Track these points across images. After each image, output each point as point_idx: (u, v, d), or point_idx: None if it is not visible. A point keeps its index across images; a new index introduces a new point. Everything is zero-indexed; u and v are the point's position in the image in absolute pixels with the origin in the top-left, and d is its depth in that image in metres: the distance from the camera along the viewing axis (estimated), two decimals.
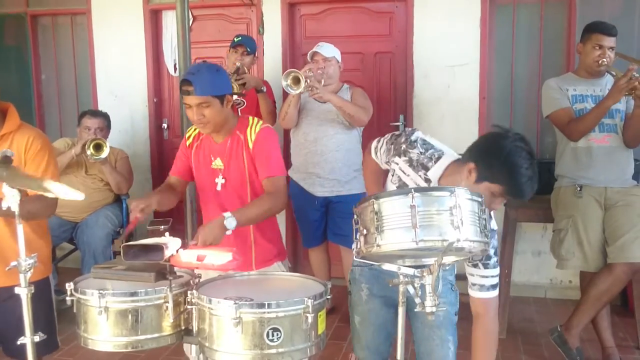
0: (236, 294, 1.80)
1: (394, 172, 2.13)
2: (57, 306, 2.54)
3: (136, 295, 1.83)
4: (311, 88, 3.58)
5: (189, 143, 2.49)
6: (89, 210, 4.10)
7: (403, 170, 2.09)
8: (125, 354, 3.22)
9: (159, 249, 1.86)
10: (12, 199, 1.74)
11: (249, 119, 2.44)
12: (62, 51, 5.23)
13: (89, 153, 3.93)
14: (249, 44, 4.04)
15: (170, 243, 1.93)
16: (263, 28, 4.63)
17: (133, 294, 1.83)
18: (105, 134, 4.22)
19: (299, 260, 4.83)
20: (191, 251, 1.96)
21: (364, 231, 1.70)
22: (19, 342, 1.83)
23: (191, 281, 1.95)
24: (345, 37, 4.44)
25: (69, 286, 1.90)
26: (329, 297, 1.86)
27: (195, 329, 1.87)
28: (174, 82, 4.93)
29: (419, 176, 2.05)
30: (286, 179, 2.48)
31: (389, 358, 2.29)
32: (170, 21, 4.87)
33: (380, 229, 1.65)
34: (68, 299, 1.90)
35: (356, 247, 1.74)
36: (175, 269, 1.95)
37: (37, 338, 1.84)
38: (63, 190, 1.83)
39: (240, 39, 4.06)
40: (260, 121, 2.43)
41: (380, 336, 2.27)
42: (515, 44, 4.40)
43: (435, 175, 2.03)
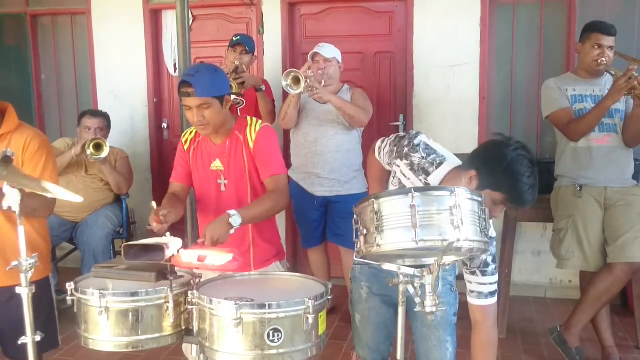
0: (237, 295, 1.80)
1: (395, 175, 2.13)
2: (58, 306, 2.54)
3: (137, 295, 1.83)
4: (311, 88, 3.58)
5: (186, 147, 2.49)
6: (89, 210, 4.10)
7: (404, 174, 2.10)
8: (126, 353, 3.22)
9: (159, 249, 1.86)
10: (13, 199, 1.74)
11: (248, 119, 2.44)
12: (62, 51, 5.23)
13: (88, 153, 3.93)
14: (247, 43, 4.04)
15: (171, 243, 1.93)
16: (263, 28, 4.63)
17: (134, 294, 1.83)
18: (106, 134, 4.22)
19: (299, 261, 4.82)
20: (192, 251, 1.96)
21: (364, 231, 1.70)
22: (20, 342, 1.83)
23: (192, 281, 1.95)
24: (345, 37, 4.44)
25: (70, 286, 1.90)
26: (329, 298, 1.86)
27: (195, 329, 1.87)
28: (174, 82, 4.93)
29: (420, 180, 2.06)
30: (287, 178, 2.49)
31: (389, 357, 2.30)
32: (170, 21, 4.86)
33: (380, 228, 1.65)
34: (69, 298, 1.90)
35: (356, 247, 1.74)
36: (176, 269, 1.96)
37: (38, 338, 1.84)
38: (61, 192, 1.83)
39: (238, 38, 4.05)
40: (260, 121, 2.43)
41: (381, 335, 2.27)
42: (516, 43, 4.40)
43: (435, 180, 2.03)
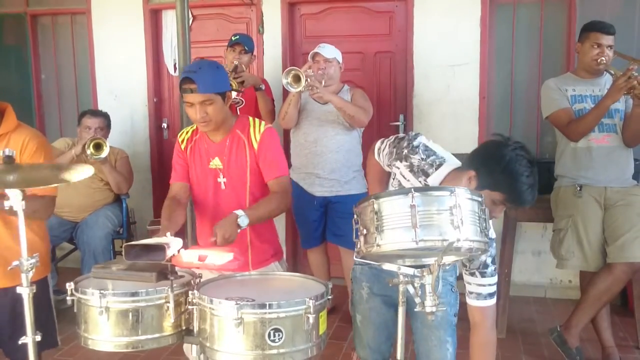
0: (237, 294, 1.79)
1: (395, 176, 2.13)
2: (57, 306, 2.54)
3: (137, 295, 1.83)
4: (311, 87, 3.58)
5: (183, 146, 2.48)
6: (89, 210, 4.10)
7: (403, 175, 2.10)
8: (126, 354, 3.22)
9: (160, 248, 1.86)
10: (15, 199, 1.74)
11: (249, 119, 2.44)
12: (62, 51, 5.22)
13: (88, 152, 3.92)
14: (246, 43, 4.04)
15: (172, 243, 1.93)
16: (263, 27, 4.63)
17: (134, 294, 1.82)
18: (106, 133, 4.22)
19: (299, 261, 4.83)
20: (192, 251, 1.96)
21: (364, 231, 1.70)
22: (20, 342, 1.82)
23: (192, 281, 1.95)
24: (345, 37, 4.45)
25: (70, 286, 1.89)
26: (330, 298, 1.86)
27: (196, 329, 1.87)
28: (174, 82, 4.93)
29: (419, 182, 2.06)
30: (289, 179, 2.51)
31: (390, 358, 2.30)
32: (170, 21, 4.86)
33: (380, 228, 1.65)
34: (68, 298, 1.89)
35: (356, 247, 1.74)
36: (177, 269, 1.96)
37: (38, 338, 1.83)
38: (73, 174, 1.82)
39: (237, 37, 4.05)
40: (263, 122, 2.44)
41: (381, 335, 2.27)
42: (516, 43, 4.40)
43: (435, 182, 2.03)
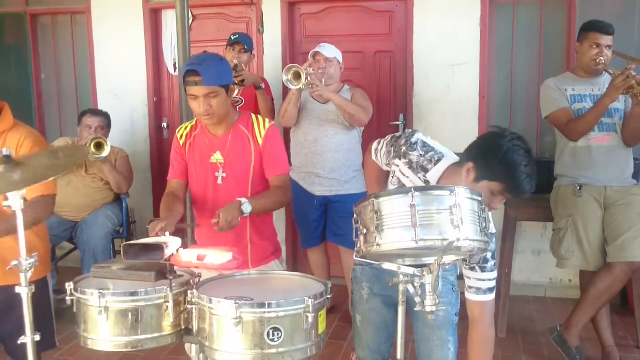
0: (236, 294, 1.79)
1: (394, 174, 2.13)
2: (57, 306, 2.53)
3: (136, 294, 1.82)
4: (312, 86, 3.58)
5: (182, 142, 2.47)
6: (88, 209, 4.10)
7: (403, 172, 2.10)
8: (125, 353, 3.22)
9: (159, 248, 1.86)
10: (14, 199, 1.74)
11: (253, 116, 2.45)
12: (62, 50, 5.22)
13: (90, 152, 3.92)
14: (245, 42, 4.04)
15: (171, 242, 1.93)
16: (263, 27, 4.63)
17: (133, 294, 1.82)
18: (106, 133, 4.22)
19: (299, 260, 4.82)
20: (191, 251, 1.96)
21: (364, 230, 1.70)
22: (20, 342, 1.82)
23: (191, 281, 1.95)
24: (345, 36, 4.45)
25: (69, 286, 1.89)
26: (329, 297, 1.86)
27: (195, 328, 1.87)
28: (174, 81, 4.93)
29: (418, 178, 2.05)
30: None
31: (390, 358, 2.29)
32: (170, 20, 4.86)
33: (380, 228, 1.65)
34: (68, 298, 1.89)
35: (356, 247, 1.74)
36: (176, 268, 1.96)
37: (38, 337, 1.83)
38: (71, 159, 1.82)
39: (237, 36, 4.05)
40: (266, 119, 2.45)
41: (382, 336, 2.26)
42: (516, 43, 4.40)
43: (434, 177, 2.03)
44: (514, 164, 1.86)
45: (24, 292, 1.78)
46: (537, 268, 4.45)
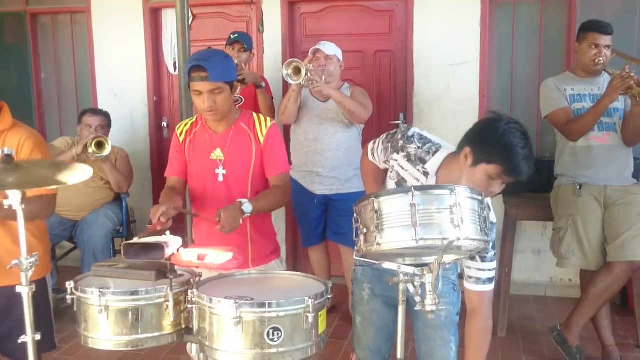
0: (236, 293, 1.79)
1: (393, 169, 2.13)
2: (57, 305, 2.53)
3: (137, 294, 1.83)
4: (312, 82, 3.58)
5: (181, 139, 2.47)
6: (89, 209, 4.10)
7: (401, 166, 2.09)
8: (125, 352, 3.22)
9: (159, 247, 1.86)
10: (14, 198, 1.74)
11: (254, 114, 2.46)
12: (62, 50, 5.22)
13: (90, 151, 3.91)
14: (245, 41, 4.04)
15: (171, 242, 1.93)
16: (263, 26, 4.62)
17: (133, 293, 1.83)
18: (106, 132, 4.22)
19: (299, 260, 4.83)
20: (192, 250, 1.96)
21: (364, 230, 1.70)
22: (20, 341, 1.82)
23: (191, 280, 1.95)
24: (345, 36, 4.44)
25: (69, 285, 1.89)
26: (329, 297, 1.86)
27: (195, 328, 1.87)
28: (174, 81, 4.93)
29: (417, 170, 2.05)
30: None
31: (390, 358, 2.29)
32: (170, 19, 4.86)
33: (380, 227, 1.65)
34: (68, 297, 1.89)
35: (356, 246, 1.74)
36: (176, 267, 1.96)
37: (38, 337, 1.83)
38: (71, 174, 1.82)
39: (236, 35, 4.05)
40: (268, 118, 2.45)
41: (382, 337, 2.25)
42: (516, 42, 4.39)
43: (433, 167, 2.03)
44: (511, 145, 1.86)
45: (25, 292, 1.78)
46: (537, 267, 4.45)
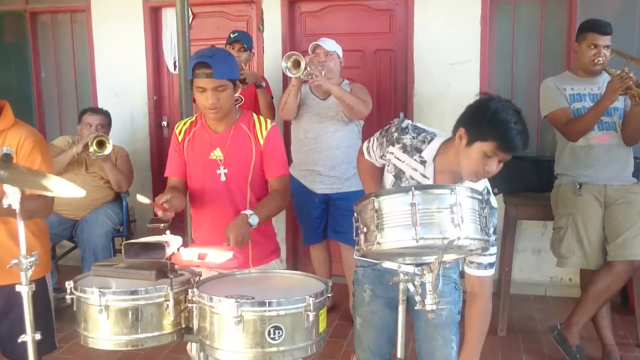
0: (237, 292, 1.79)
1: (390, 162, 2.12)
2: (57, 304, 2.52)
3: (137, 293, 1.82)
4: (311, 76, 3.57)
5: (180, 138, 2.46)
6: (89, 208, 4.10)
7: (398, 158, 2.09)
8: (125, 352, 3.22)
9: (160, 247, 1.86)
10: (13, 197, 1.74)
11: (254, 115, 2.45)
12: (62, 49, 5.22)
13: (92, 150, 3.91)
14: (245, 40, 4.03)
15: (171, 241, 1.93)
16: (263, 25, 4.62)
17: (133, 292, 1.82)
18: (106, 131, 4.22)
19: (300, 259, 4.83)
20: (192, 249, 1.96)
21: (364, 229, 1.70)
22: (20, 341, 1.82)
23: (192, 279, 1.95)
24: (345, 35, 4.44)
25: (69, 284, 1.89)
26: (329, 296, 1.85)
27: (195, 327, 1.87)
28: (174, 80, 4.92)
29: (414, 160, 2.05)
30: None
31: (390, 358, 2.28)
32: (170, 19, 4.86)
33: (380, 226, 1.65)
34: (68, 297, 1.89)
35: (357, 245, 1.74)
36: (176, 267, 1.95)
37: (38, 336, 1.83)
38: (64, 188, 1.83)
39: (236, 35, 4.04)
40: (268, 120, 2.45)
41: (383, 338, 2.24)
42: (516, 41, 4.39)
43: (429, 154, 2.03)
44: (504, 120, 1.87)
45: (24, 291, 1.78)
46: (538, 267, 4.45)
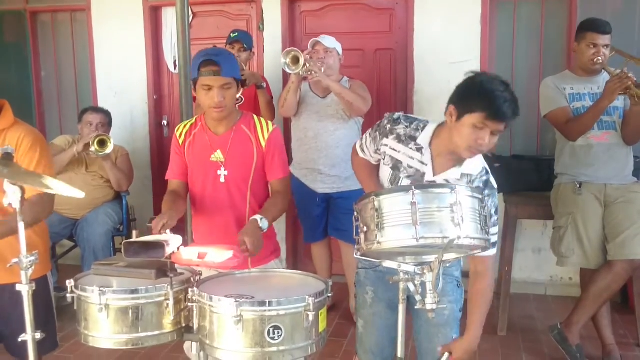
0: (237, 292, 1.80)
1: (385, 155, 2.12)
2: (58, 303, 2.52)
3: (137, 292, 1.83)
4: (310, 72, 3.57)
5: (181, 141, 2.46)
6: (89, 207, 4.10)
7: (393, 148, 2.09)
8: (125, 351, 3.22)
9: (160, 246, 1.86)
10: (14, 196, 1.74)
11: (255, 117, 2.45)
12: (62, 48, 5.22)
13: (93, 149, 3.91)
14: (245, 40, 4.02)
15: (171, 240, 1.93)
16: (263, 25, 4.62)
17: (134, 291, 1.83)
18: (107, 130, 4.22)
19: (300, 259, 4.83)
20: (192, 249, 1.97)
21: (365, 228, 1.70)
22: (20, 340, 1.82)
23: (192, 279, 1.95)
24: (345, 34, 4.42)
25: (70, 283, 1.90)
26: (330, 295, 1.86)
27: (195, 326, 1.87)
28: (174, 79, 4.92)
29: (410, 148, 2.05)
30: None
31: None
32: (170, 18, 4.86)
33: (380, 226, 1.65)
34: (69, 296, 1.90)
35: (357, 245, 1.74)
36: (176, 266, 1.95)
37: (39, 335, 1.83)
38: (62, 188, 1.83)
39: (236, 34, 4.03)
40: (269, 122, 2.45)
41: (385, 340, 2.23)
42: (516, 41, 4.39)
43: (425, 140, 2.04)
44: (490, 90, 1.87)
45: (25, 290, 1.78)
46: (538, 266, 4.45)
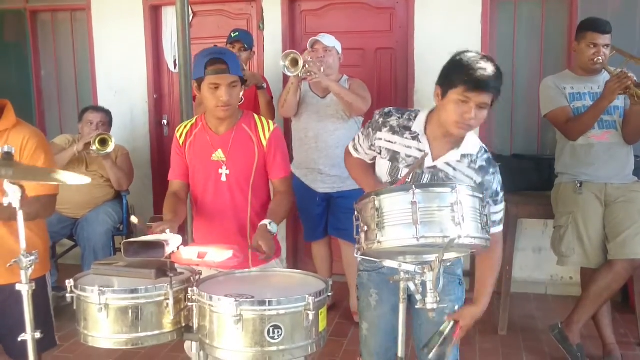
0: (237, 291, 1.79)
1: (381, 149, 2.11)
2: (57, 303, 2.53)
3: (136, 292, 1.83)
4: (310, 73, 3.57)
5: (182, 142, 2.46)
6: (89, 206, 4.10)
7: (389, 140, 2.08)
8: (125, 351, 3.22)
9: (159, 246, 1.86)
10: (14, 195, 1.74)
11: (255, 115, 2.45)
12: (62, 47, 5.22)
13: (94, 148, 3.91)
14: (246, 40, 4.02)
15: (171, 240, 1.92)
16: (263, 24, 4.62)
17: (133, 291, 1.83)
18: (107, 129, 4.21)
19: (300, 258, 4.83)
20: (192, 248, 1.96)
21: (365, 228, 1.70)
22: (20, 339, 1.82)
23: (192, 278, 1.94)
24: (345, 33, 4.42)
25: (69, 283, 1.89)
26: (330, 295, 1.85)
27: (195, 326, 1.87)
28: (174, 78, 4.92)
29: (405, 138, 2.05)
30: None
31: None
32: (170, 17, 4.86)
33: (381, 225, 1.65)
34: (68, 295, 1.89)
35: (357, 244, 1.74)
36: (176, 266, 1.95)
37: (38, 335, 1.83)
38: (69, 177, 1.83)
39: (237, 34, 4.03)
40: (270, 121, 2.45)
41: (389, 341, 2.20)
42: (517, 40, 4.39)
43: (419, 127, 2.03)
44: (468, 62, 1.89)
45: (24, 290, 1.78)
46: (538, 265, 4.44)
